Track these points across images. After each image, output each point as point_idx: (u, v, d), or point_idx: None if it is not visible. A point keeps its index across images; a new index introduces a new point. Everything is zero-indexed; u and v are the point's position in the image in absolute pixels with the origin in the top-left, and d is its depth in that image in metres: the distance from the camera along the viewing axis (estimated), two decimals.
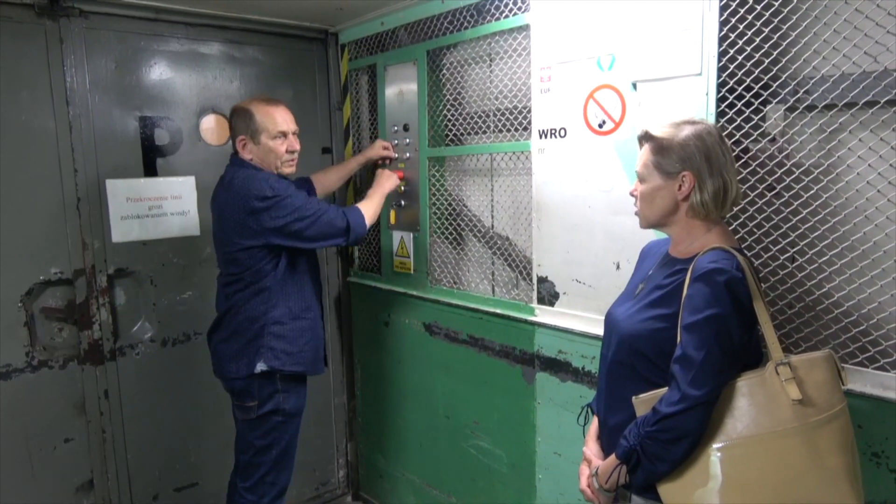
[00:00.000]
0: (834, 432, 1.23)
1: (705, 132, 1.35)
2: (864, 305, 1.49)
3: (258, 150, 2.20)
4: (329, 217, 2.19)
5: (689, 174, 1.34)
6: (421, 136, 2.56)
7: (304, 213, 2.13)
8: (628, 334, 1.43)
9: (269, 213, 2.09)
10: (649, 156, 1.40)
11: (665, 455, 1.29)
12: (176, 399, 2.67)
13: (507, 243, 2.39)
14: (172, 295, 2.64)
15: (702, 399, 1.24)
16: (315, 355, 2.30)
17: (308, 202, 2.17)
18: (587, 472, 1.52)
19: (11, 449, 2.33)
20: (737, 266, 1.28)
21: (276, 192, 2.10)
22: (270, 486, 2.28)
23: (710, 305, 1.26)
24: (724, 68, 1.61)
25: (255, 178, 2.14)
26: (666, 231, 1.47)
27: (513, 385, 2.26)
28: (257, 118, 2.18)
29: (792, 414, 1.23)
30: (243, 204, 2.10)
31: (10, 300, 2.29)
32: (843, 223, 1.50)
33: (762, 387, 1.26)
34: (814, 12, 1.49)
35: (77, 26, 2.33)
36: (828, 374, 1.26)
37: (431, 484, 2.74)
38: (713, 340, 1.25)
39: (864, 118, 1.46)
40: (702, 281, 1.28)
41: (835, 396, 1.25)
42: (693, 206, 1.36)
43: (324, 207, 2.20)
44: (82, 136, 2.37)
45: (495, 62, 2.34)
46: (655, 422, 1.29)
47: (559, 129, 1.99)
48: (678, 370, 1.28)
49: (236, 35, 2.73)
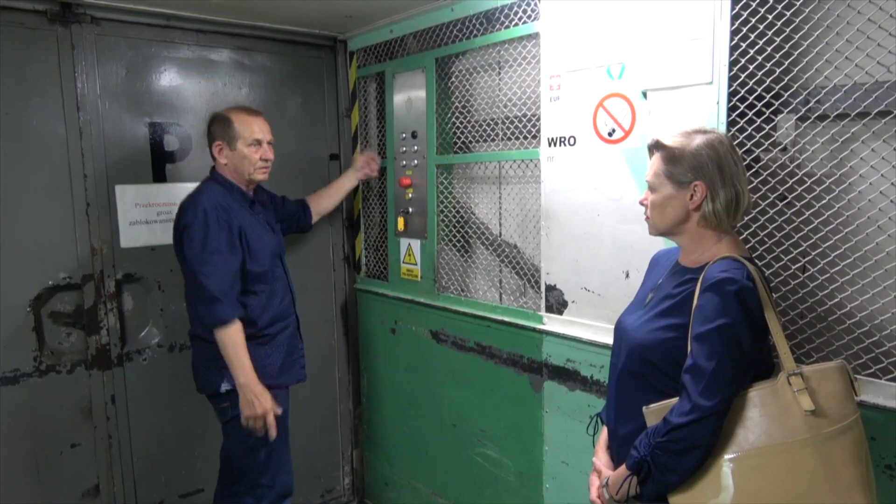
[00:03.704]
0: (847, 444, 1.22)
1: (717, 141, 1.35)
2: (876, 316, 1.48)
3: (233, 155, 2.25)
4: (209, 281, 2.09)
5: (701, 184, 1.34)
6: (429, 143, 2.56)
7: (203, 252, 2.11)
8: (638, 344, 1.42)
9: (184, 234, 2.15)
10: (660, 165, 1.39)
11: (676, 466, 1.28)
12: (182, 405, 2.67)
13: (514, 251, 2.39)
14: (180, 301, 2.64)
15: (713, 410, 1.23)
16: (282, 368, 2.32)
17: (214, 251, 2.11)
18: (597, 483, 1.51)
19: (18, 453, 2.33)
20: (747, 275, 1.27)
21: (196, 218, 2.12)
22: (268, 489, 2.28)
23: (720, 315, 1.25)
24: (735, 77, 1.61)
25: (202, 192, 2.20)
26: (676, 240, 1.46)
27: (520, 393, 2.26)
28: (235, 125, 2.23)
29: (804, 425, 1.21)
30: (179, 217, 2.20)
31: (19, 305, 2.30)
32: (855, 233, 1.50)
33: (774, 397, 1.25)
34: (825, 22, 1.49)
35: (89, 33, 2.34)
36: (841, 384, 1.25)
37: (437, 492, 2.72)
38: (724, 351, 1.24)
39: (877, 128, 1.46)
40: (712, 291, 1.27)
41: (848, 407, 1.24)
42: (705, 216, 1.36)
43: (220, 270, 2.11)
44: (92, 142, 2.38)
45: (504, 70, 2.34)
46: (666, 432, 1.28)
47: (568, 138, 1.99)
48: (689, 380, 1.27)
49: (246, 42, 2.74)
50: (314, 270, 3.04)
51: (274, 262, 2.34)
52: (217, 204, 2.17)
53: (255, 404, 2.14)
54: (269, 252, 2.31)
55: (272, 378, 2.27)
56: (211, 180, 2.29)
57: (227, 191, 2.26)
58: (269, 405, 2.16)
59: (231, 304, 2.13)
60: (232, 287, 2.14)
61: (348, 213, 3.11)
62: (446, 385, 2.59)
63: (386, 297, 2.88)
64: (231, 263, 2.15)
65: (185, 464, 2.71)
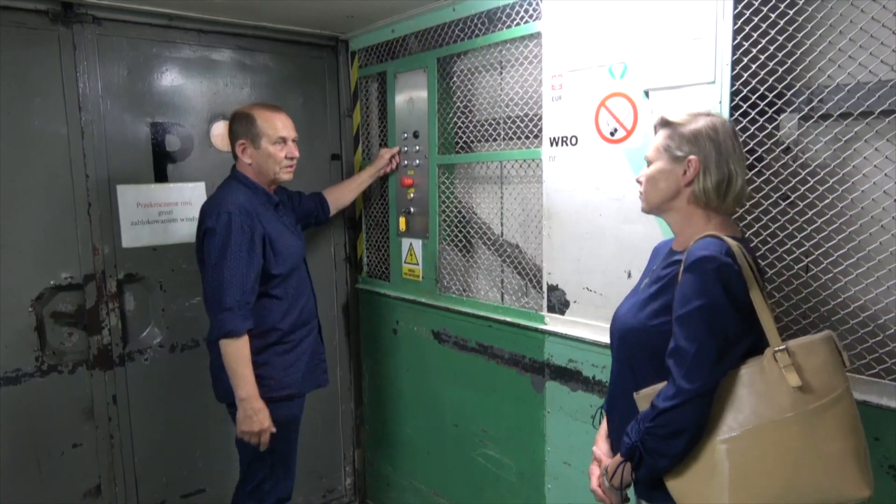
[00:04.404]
0: (836, 417, 1.19)
1: (719, 123, 1.36)
2: (880, 315, 1.47)
3: (258, 154, 2.19)
4: (224, 289, 2.02)
5: (695, 159, 1.33)
6: (431, 143, 2.56)
7: (222, 259, 2.03)
8: (627, 329, 1.43)
9: (206, 238, 2.08)
10: (662, 140, 1.39)
11: (665, 450, 1.28)
12: (184, 405, 2.67)
13: (516, 251, 2.39)
14: (182, 301, 2.64)
15: (697, 392, 1.23)
16: (305, 374, 2.27)
17: (233, 259, 2.03)
18: (597, 472, 1.52)
19: (20, 453, 2.33)
20: (726, 251, 1.25)
21: (218, 223, 2.05)
22: (268, 494, 2.27)
23: (699, 295, 1.24)
24: (738, 77, 1.60)
25: (226, 195, 2.12)
26: (666, 218, 1.45)
27: (522, 394, 2.25)
28: (259, 123, 2.17)
29: (790, 401, 1.19)
30: (202, 220, 2.12)
31: (21, 305, 2.29)
32: (859, 233, 1.49)
33: (761, 375, 1.23)
34: (828, 21, 1.49)
35: (90, 33, 2.34)
36: (828, 356, 1.22)
37: (439, 492, 2.72)
38: (705, 332, 1.23)
39: (880, 127, 1.45)
40: (690, 270, 1.26)
41: (836, 378, 1.21)
42: (695, 193, 1.35)
43: (237, 279, 2.04)
44: (94, 142, 2.38)
45: (506, 70, 2.34)
46: (654, 417, 1.28)
47: (570, 137, 1.98)
48: (672, 364, 1.27)
49: (247, 42, 2.74)
50: (316, 270, 3.02)
51: (298, 265, 2.29)
52: (241, 208, 2.08)
53: (253, 420, 2.07)
54: (294, 256, 2.25)
55: (295, 386, 2.23)
56: (234, 180, 2.21)
57: (252, 192, 2.18)
58: (267, 423, 2.09)
59: (243, 316, 2.05)
60: (245, 297, 2.06)
61: (350, 213, 3.10)
62: (448, 385, 2.59)
63: (387, 298, 2.88)
64: (249, 273, 2.06)
65: (186, 464, 2.71)
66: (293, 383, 2.23)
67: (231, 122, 2.24)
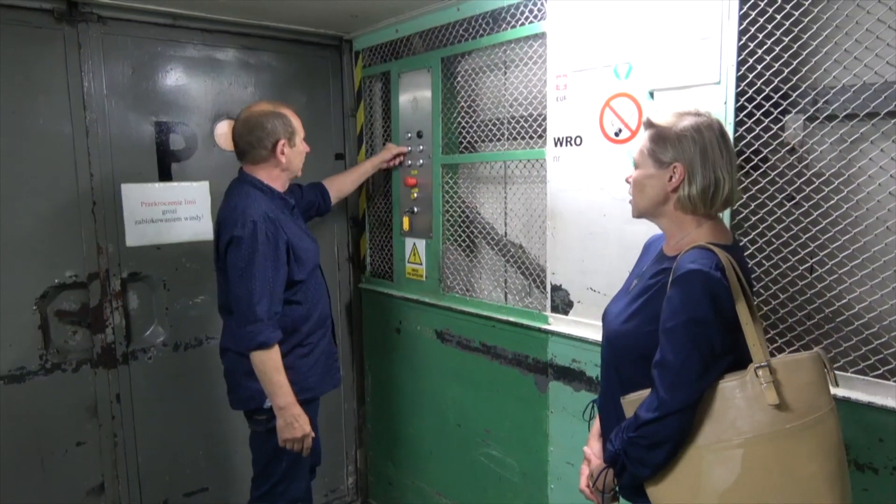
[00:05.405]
0: (816, 438, 1.18)
1: (705, 125, 1.31)
2: (884, 316, 1.47)
3: (292, 152, 2.14)
4: (253, 300, 1.99)
5: (680, 166, 1.31)
6: (434, 143, 2.56)
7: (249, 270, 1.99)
8: (615, 334, 1.44)
9: (231, 247, 2.02)
10: (647, 143, 1.37)
11: (647, 459, 1.29)
12: (187, 404, 2.67)
13: (520, 251, 2.39)
14: (185, 299, 2.65)
15: (679, 406, 1.23)
16: (321, 376, 2.27)
17: (261, 268, 1.99)
18: (587, 472, 1.53)
19: (23, 451, 2.33)
20: (716, 265, 1.23)
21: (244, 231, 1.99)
22: (280, 497, 2.26)
23: (687, 310, 1.23)
24: (743, 77, 1.60)
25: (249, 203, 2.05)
26: (657, 223, 1.44)
27: (525, 393, 2.25)
28: (292, 121, 2.13)
29: (768, 419, 1.18)
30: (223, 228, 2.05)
31: (25, 303, 2.30)
32: (864, 234, 1.49)
33: (742, 390, 1.21)
34: (834, 22, 1.49)
35: (95, 32, 2.35)
36: (813, 375, 1.21)
37: (441, 492, 2.72)
38: (691, 346, 1.22)
39: (886, 128, 1.45)
40: (679, 283, 1.25)
41: (821, 399, 1.20)
42: (680, 200, 1.33)
43: (266, 289, 2.00)
44: (98, 141, 2.39)
45: (510, 70, 2.34)
46: (636, 427, 1.29)
47: (575, 138, 1.98)
48: (657, 375, 1.27)
49: (252, 41, 2.75)
50: None
51: (315, 268, 2.27)
52: (265, 216, 2.03)
53: (295, 427, 2.07)
54: (312, 259, 2.23)
55: (313, 389, 2.23)
56: (249, 186, 2.12)
57: (270, 198, 2.12)
58: (308, 428, 2.10)
59: (273, 327, 2.03)
60: (274, 308, 2.04)
61: (353, 213, 3.11)
62: (451, 385, 2.59)
63: (391, 297, 2.88)
64: (277, 283, 2.04)
65: (189, 462, 2.71)
66: (313, 386, 2.23)
67: (260, 121, 2.09)
